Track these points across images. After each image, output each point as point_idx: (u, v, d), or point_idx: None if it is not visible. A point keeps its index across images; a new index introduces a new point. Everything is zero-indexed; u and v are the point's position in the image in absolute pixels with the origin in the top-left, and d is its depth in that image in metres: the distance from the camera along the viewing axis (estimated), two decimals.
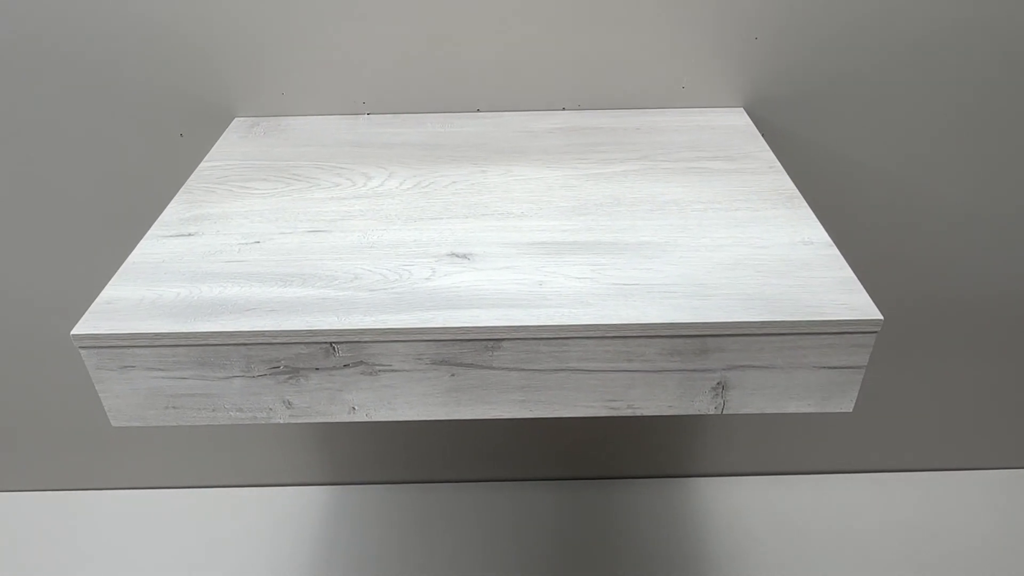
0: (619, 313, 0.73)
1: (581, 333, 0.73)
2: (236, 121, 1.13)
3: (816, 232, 0.83)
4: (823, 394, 0.78)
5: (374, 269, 0.80)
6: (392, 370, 0.76)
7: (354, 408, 0.80)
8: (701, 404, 0.79)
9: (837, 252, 0.80)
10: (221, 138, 1.08)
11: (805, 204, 0.88)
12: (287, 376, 0.77)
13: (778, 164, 0.96)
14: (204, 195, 0.94)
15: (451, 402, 0.79)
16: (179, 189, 0.98)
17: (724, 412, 0.80)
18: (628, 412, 0.80)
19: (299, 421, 0.82)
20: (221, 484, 1.70)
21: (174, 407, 0.79)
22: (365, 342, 0.74)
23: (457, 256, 0.82)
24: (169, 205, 0.92)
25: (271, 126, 1.11)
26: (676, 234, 0.84)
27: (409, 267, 0.80)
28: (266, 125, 1.12)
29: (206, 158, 1.02)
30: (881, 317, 0.71)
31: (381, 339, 0.74)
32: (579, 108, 1.14)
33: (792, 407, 0.79)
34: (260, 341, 0.74)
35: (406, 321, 0.73)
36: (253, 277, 0.79)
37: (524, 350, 0.75)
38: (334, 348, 0.74)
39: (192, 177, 0.98)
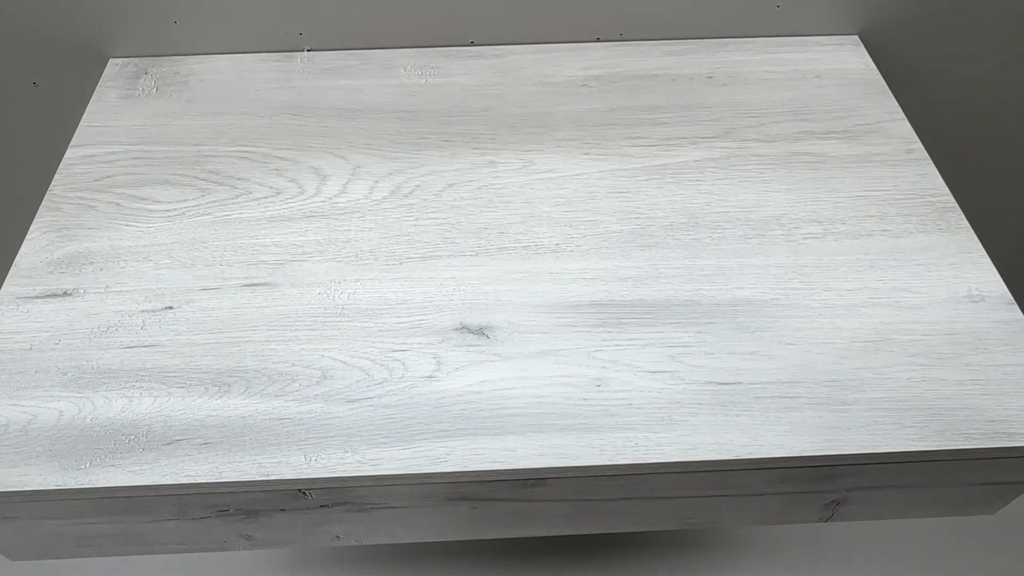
0: (718, 439, 0.65)
1: (662, 469, 0.65)
2: (112, 65, 0.98)
3: (987, 276, 0.74)
4: (966, 502, 0.74)
5: (350, 359, 0.70)
6: (389, 507, 0.69)
7: (339, 537, 0.73)
8: (800, 517, 0.74)
9: (1021, 315, 0.71)
10: (94, 97, 0.93)
11: (965, 223, 0.79)
12: (241, 517, 0.69)
13: (918, 144, 0.86)
14: (79, 212, 0.82)
15: (469, 527, 0.72)
16: (39, 181, 0.85)
17: (830, 522, 0.74)
18: (705, 526, 0.74)
19: (266, 549, 0.75)
20: None
21: (90, 545, 0.72)
22: (349, 487, 0.65)
23: (470, 331, 0.72)
24: (29, 234, 0.80)
25: (165, 75, 0.96)
26: (785, 283, 0.74)
27: (401, 353, 0.70)
28: (158, 74, 0.96)
29: (73, 141, 0.88)
30: None
31: (371, 484, 0.65)
32: (621, 39, 1.00)
33: (919, 515, 0.75)
34: (194, 492, 0.65)
35: (406, 461, 0.64)
36: (171, 376, 0.69)
37: (578, 486, 0.67)
38: (305, 493, 0.66)
39: (58, 177, 0.85)
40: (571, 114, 0.90)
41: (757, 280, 0.75)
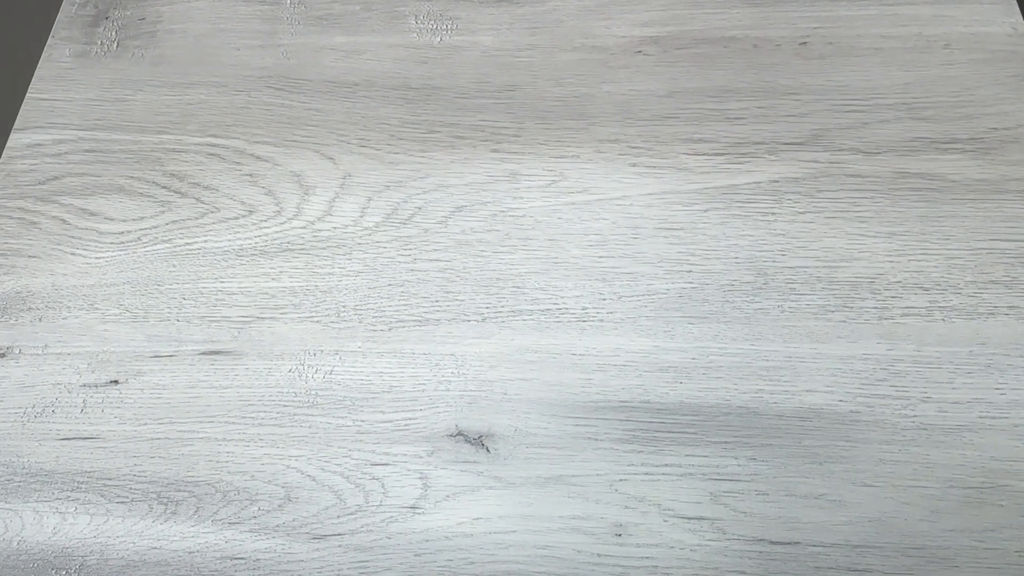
0: None
1: None
2: (68, 3, 0.79)
3: None
4: None
5: (319, 475, 0.57)
6: None
7: None
8: None
9: None
10: (44, 55, 0.76)
11: None
12: None
13: None
14: (19, 231, 0.68)
15: None
16: None
17: None
18: None
19: None
20: None
21: None
22: None
23: (468, 440, 0.58)
24: None
25: (128, 21, 0.78)
26: (871, 387, 0.57)
27: (382, 469, 0.57)
28: (120, 19, 0.78)
29: (18, 123, 0.73)
30: None
31: None
32: None
33: None
34: None
35: None
36: (111, 485, 0.58)
37: None
38: None
39: None
40: (619, 98, 0.70)
41: (835, 380, 0.57)
